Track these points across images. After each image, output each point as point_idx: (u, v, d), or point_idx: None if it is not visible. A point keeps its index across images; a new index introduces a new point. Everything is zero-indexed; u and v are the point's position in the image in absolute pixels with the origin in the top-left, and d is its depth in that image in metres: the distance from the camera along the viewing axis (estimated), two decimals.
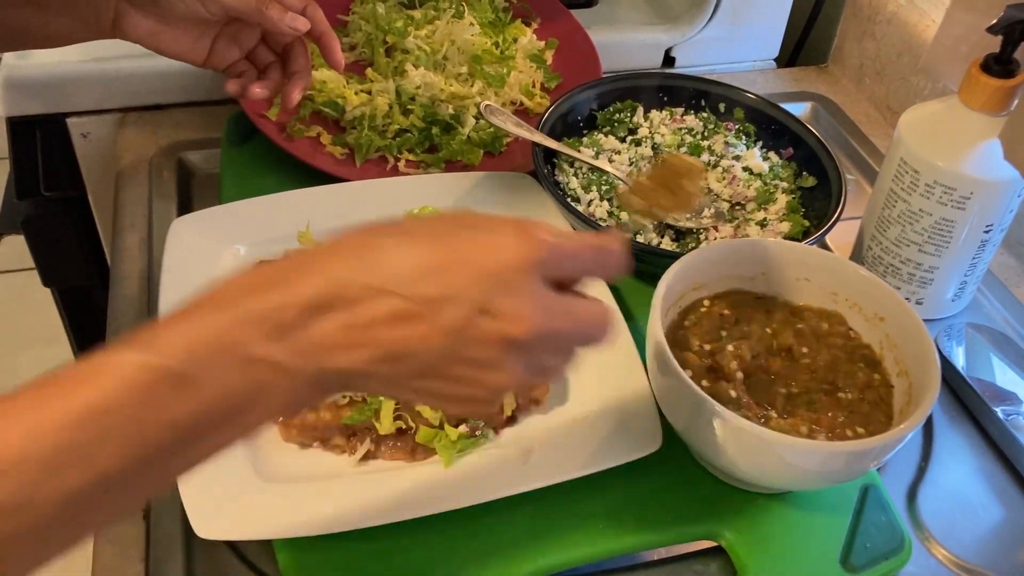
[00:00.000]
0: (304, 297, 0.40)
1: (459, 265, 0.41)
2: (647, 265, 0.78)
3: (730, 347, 0.65)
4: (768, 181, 0.84)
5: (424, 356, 0.41)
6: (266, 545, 0.60)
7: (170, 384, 0.38)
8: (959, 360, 0.76)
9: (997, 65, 0.69)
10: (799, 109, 1.08)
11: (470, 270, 0.41)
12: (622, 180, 0.82)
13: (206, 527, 0.56)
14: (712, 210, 0.82)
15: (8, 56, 0.94)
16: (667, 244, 0.81)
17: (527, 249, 0.42)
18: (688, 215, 0.63)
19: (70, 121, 0.97)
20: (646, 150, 0.86)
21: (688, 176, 0.66)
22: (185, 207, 0.89)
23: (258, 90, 0.77)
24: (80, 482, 0.37)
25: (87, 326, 1.19)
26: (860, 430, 0.61)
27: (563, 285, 0.46)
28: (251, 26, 0.77)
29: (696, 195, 0.65)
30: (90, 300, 1.14)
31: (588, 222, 0.77)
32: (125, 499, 0.40)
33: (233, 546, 0.61)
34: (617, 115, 0.90)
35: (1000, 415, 0.72)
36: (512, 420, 0.66)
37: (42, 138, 0.99)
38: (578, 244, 0.45)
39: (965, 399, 0.75)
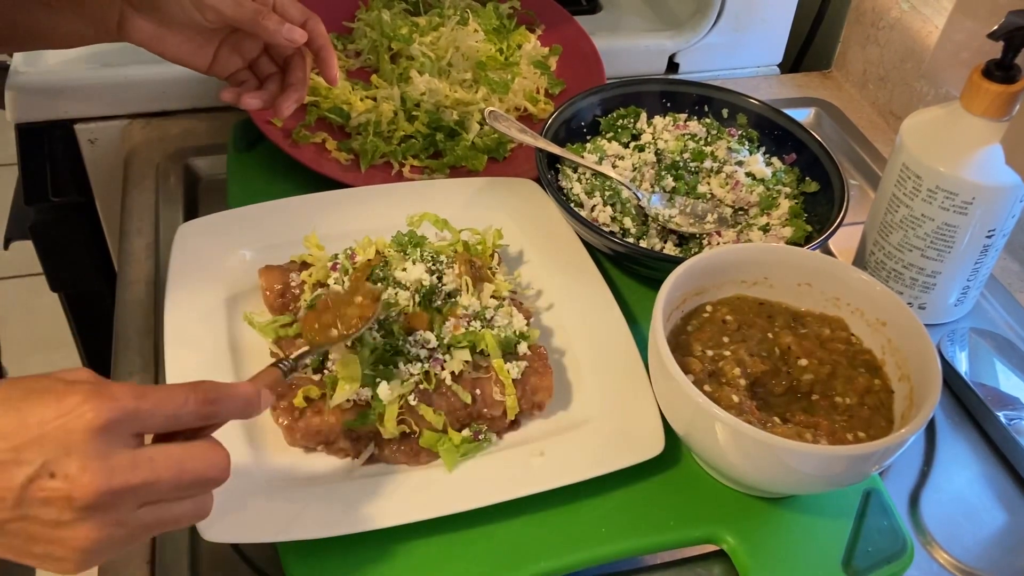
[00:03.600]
0: None
1: (25, 429, 0.43)
2: (650, 270, 0.78)
3: (732, 352, 0.65)
4: (771, 186, 0.85)
5: None
6: (271, 548, 0.60)
7: None
8: (962, 365, 0.76)
9: (998, 71, 0.69)
10: (803, 115, 1.08)
11: (35, 434, 0.43)
12: (625, 185, 0.83)
13: (211, 530, 0.57)
14: (715, 215, 0.83)
15: (17, 63, 0.95)
16: (670, 249, 0.81)
17: (97, 411, 0.44)
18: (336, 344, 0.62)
19: (78, 127, 0.98)
20: (649, 155, 0.87)
21: (353, 308, 0.63)
22: (192, 212, 0.90)
23: (251, 100, 0.78)
24: None
25: (95, 330, 1.19)
26: (861, 435, 0.61)
27: (192, 434, 0.48)
28: (253, 37, 0.77)
29: (348, 332, 0.61)
30: (98, 305, 1.15)
31: (591, 227, 0.77)
32: None
33: (238, 549, 0.61)
34: (620, 121, 0.90)
35: (1003, 420, 0.72)
36: (515, 424, 0.67)
37: (50, 144, 0.99)
38: (168, 398, 0.47)
39: (968, 404, 0.76)
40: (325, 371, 0.64)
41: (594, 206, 0.82)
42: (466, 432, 0.65)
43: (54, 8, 0.73)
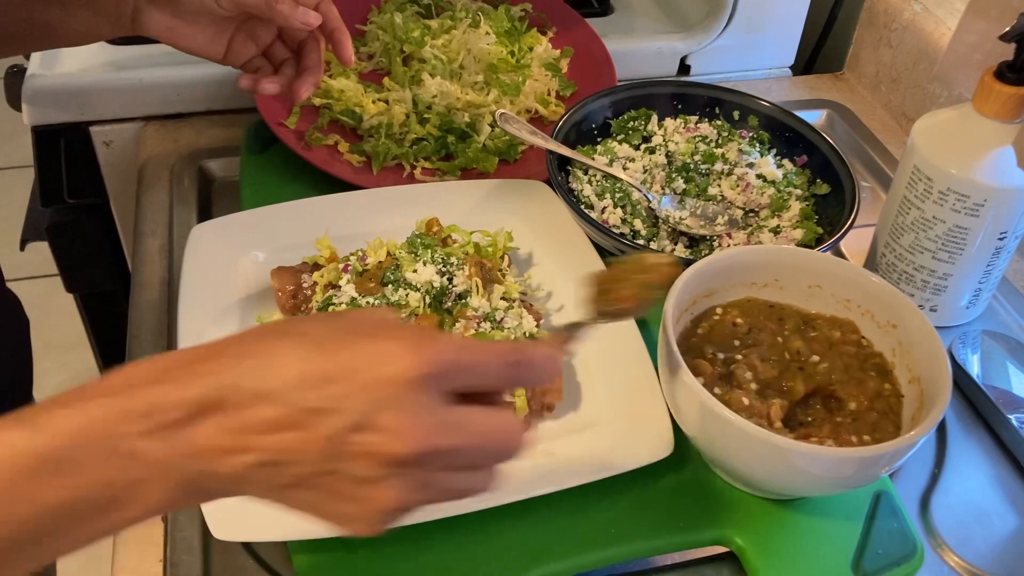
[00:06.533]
0: (189, 398, 0.40)
1: (344, 375, 0.40)
2: None
3: (742, 355, 0.65)
4: (782, 188, 0.85)
5: (301, 466, 0.40)
6: (282, 546, 0.61)
7: (50, 466, 0.38)
8: (974, 368, 0.76)
9: (1011, 72, 0.69)
10: (814, 116, 1.08)
11: (354, 382, 0.40)
12: (636, 188, 0.83)
13: (223, 528, 0.57)
14: (725, 217, 0.83)
15: (33, 66, 0.96)
16: (680, 251, 0.81)
17: (418, 362, 0.40)
18: (630, 317, 0.57)
19: (93, 130, 0.99)
20: (660, 158, 0.87)
21: (648, 274, 0.57)
22: (205, 214, 0.90)
23: (269, 85, 0.78)
24: None
25: (109, 331, 1.20)
26: (867, 438, 0.61)
27: (476, 396, 0.44)
28: (267, 23, 0.78)
29: (646, 299, 0.56)
30: (112, 306, 1.16)
31: (602, 229, 0.77)
32: None
33: (249, 547, 0.62)
34: (631, 123, 0.90)
35: (1015, 423, 0.72)
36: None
37: (66, 146, 1.00)
38: (483, 356, 0.43)
39: (980, 407, 0.75)
40: None
41: (604, 208, 0.83)
42: None
43: (68, 5, 0.74)
